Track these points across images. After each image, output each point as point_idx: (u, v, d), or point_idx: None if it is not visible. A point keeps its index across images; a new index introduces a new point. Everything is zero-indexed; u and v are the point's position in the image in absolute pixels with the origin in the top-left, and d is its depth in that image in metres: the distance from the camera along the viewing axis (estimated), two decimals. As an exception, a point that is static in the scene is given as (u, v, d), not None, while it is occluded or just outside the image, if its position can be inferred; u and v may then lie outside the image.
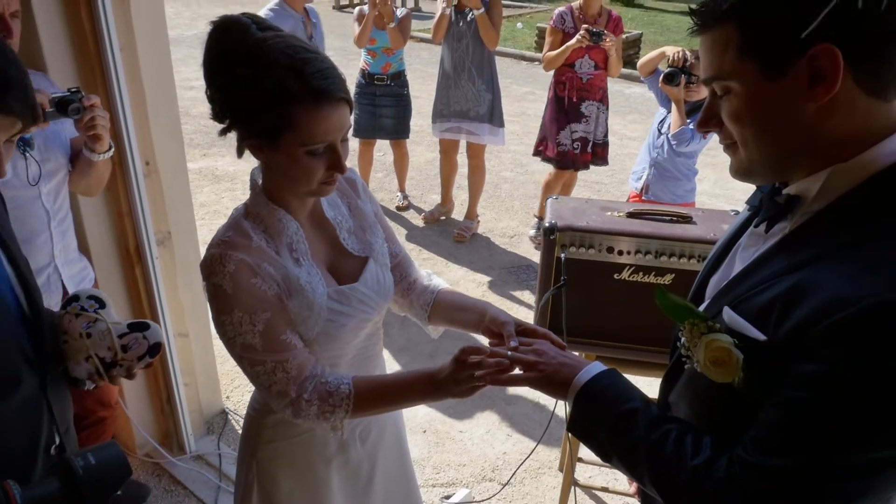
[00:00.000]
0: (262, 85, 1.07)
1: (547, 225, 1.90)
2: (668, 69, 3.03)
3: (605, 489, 2.47)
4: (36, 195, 1.78)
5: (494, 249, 4.48)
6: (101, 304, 1.29)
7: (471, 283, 4.00)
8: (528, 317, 3.75)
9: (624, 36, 9.60)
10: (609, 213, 1.97)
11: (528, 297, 3.93)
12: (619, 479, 2.66)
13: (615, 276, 1.93)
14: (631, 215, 1.96)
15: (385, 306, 1.38)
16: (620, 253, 1.90)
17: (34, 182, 1.75)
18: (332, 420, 1.20)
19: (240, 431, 1.49)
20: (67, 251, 1.95)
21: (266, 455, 1.38)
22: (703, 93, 3.07)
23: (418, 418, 2.95)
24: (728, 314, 0.87)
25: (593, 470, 2.69)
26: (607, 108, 4.21)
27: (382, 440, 1.49)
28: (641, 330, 1.95)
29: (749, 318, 0.85)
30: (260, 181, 1.24)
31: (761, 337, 0.83)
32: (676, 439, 0.92)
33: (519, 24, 11.71)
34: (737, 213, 2.04)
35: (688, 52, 3.05)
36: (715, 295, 0.96)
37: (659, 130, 3.18)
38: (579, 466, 2.49)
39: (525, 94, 8.22)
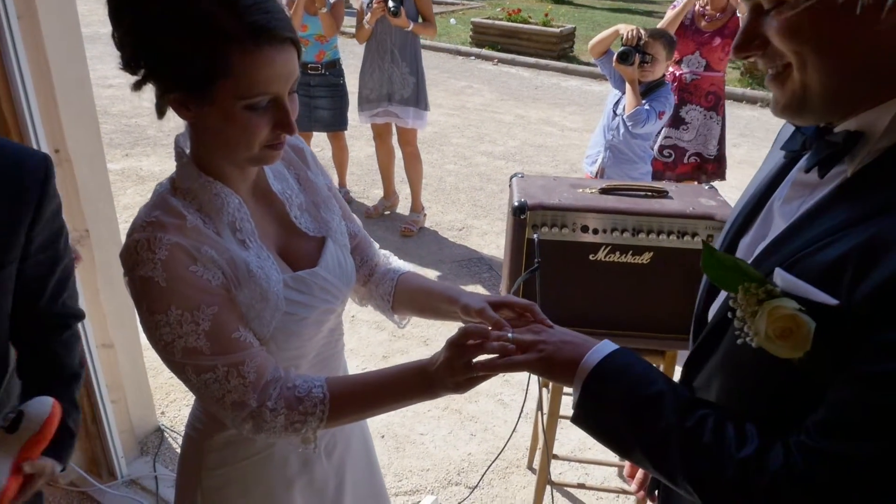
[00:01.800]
0: (186, 20, 0.86)
1: (516, 203, 1.75)
2: (622, 48, 2.94)
3: (581, 486, 2.34)
4: None
5: (443, 243, 4.32)
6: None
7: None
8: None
9: (558, 30, 9.68)
10: (581, 190, 1.83)
11: (481, 290, 3.78)
12: (591, 475, 2.54)
13: (590, 256, 1.79)
14: (604, 191, 1.82)
15: (348, 293, 1.19)
16: (595, 232, 1.76)
17: None
18: (303, 431, 0.99)
19: (178, 450, 1.26)
20: None
21: (213, 484, 1.16)
22: (657, 72, 2.99)
23: (375, 423, 2.75)
24: (782, 277, 0.72)
25: (564, 466, 2.55)
26: (722, 118, 3.74)
27: (349, 452, 1.29)
28: (620, 314, 1.82)
29: (811, 281, 0.70)
30: (188, 148, 1.01)
31: (832, 301, 0.68)
32: (715, 427, 0.77)
33: (452, 20, 11.61)
34: (712, 188, 1.94)
35: (642, 31, 2.96)
36: (757, 257, 0.81)
37: (614, 112, 3.08)
38: (552, 463, 2.35)
39: (463, 87, 8.10)
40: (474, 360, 0.95)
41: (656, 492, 1.11)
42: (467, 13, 12.35)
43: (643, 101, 2.94)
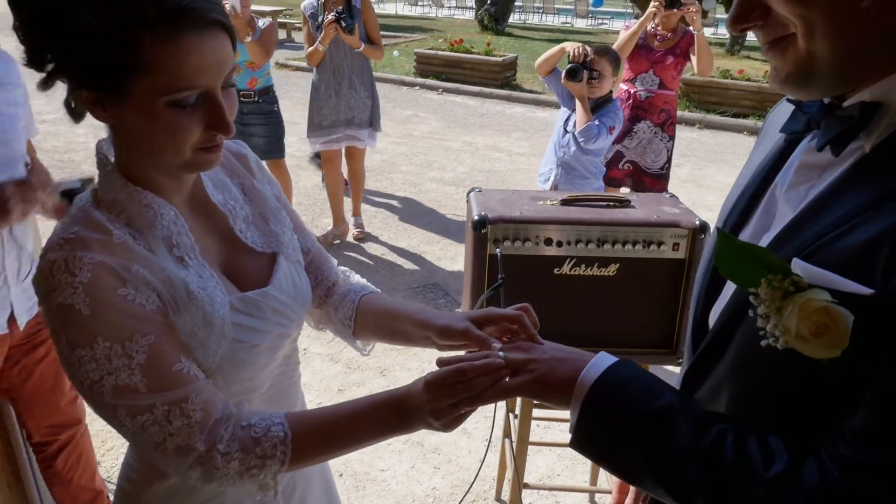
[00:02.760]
0: (90, 3, 0.75)
1: (476, 217, 1.66)
2: (570, 65, 2.93)
3: (553, 515, 2.23)
4: None
5: (396, 270, 4.21)
6: None
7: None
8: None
9: (500, 59, 9.82)
10: (541, 202, 1.76)
11: (438, 316, 3.68)
12: (561, 503, 2.43)
13: (555, 270, 1.71)
14: (565, 202, 1.76)
15: (304, 316, 1.07)
16: (559, 244, 1.69)
17: None
18: (261, 477, 0.86)
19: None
20: None
21: None
22: (605, 88, 2.99)
23: (332, 461, 2.58)
24: (803, 267, 0.64)
25: (533, 495, 2.44)
26: (671, 138, 3.79)
27: (310, 494, 1.15)
28: (589, 330, 1.75)
29: (836, 270, 0.63)
30: (112, 156, 0.88)
31: (865, 291, 0.60)
32: (736, 444, 0.68)
33: (395, 52, 11.67)
34: (673, 196, 1.90)
35: (588, 48, 2.96)
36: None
37: (565, 129, 3.06)
38: (524, 493, 2.23)
39: (409, 116, 8.08)
40: (469, 397, 0.84)
41: None
42: (410, 45, 12.45)
43: (594, 117, 2.93)
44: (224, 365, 0.90)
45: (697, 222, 1.67)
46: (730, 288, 0.78)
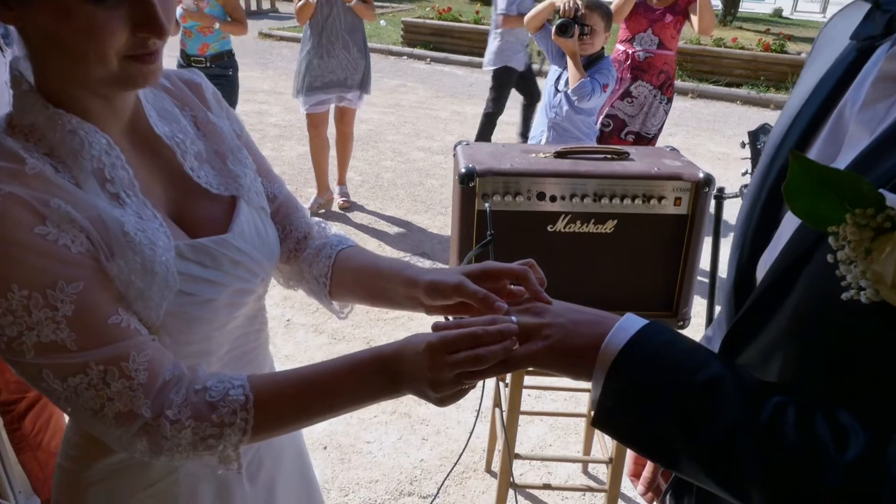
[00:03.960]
0: None
1: (463, 170, 1.54)
2: (560, 20, 2.78)
3: (546, 486, 2.15)
4: None
5: (384, 238, 4.08)
6: None
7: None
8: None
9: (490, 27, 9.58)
10: (533, 155, 1.64)
11: (426, 286, 3.57)
12: (553, 473, 2.35)
13: (548, 227, 1.60)
14: (559, 155, 1.64)
15: (271, 270, 0.94)
16: (553, 199, 1.57)
17: None
18: (219, 448, 0.74)
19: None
20: None
21: None
22: (597, 45, 2.86)
23: (315, 433, 2.49)
24: (892, 200, 0.51)
25: (525, 466, 2.36)
26: (669, 101, 3.68)
27: (280, 471, 1.04)
28: (584, 291, 1.64)
29: None
30: (31, 75, 0.75)
31: None
32: (799, 421, 0.56)
33: (382, 22, 11.40)
34: (674, 149, 1.79)
35: (578, 2, 2.82)
36: None
37: (556, 88, 2.93)
38: (515, 463, 2.15)
39: (397, 86, 7.90)
40: (479, 369, 0.71)
41: (667, 497, 0.89)
42: (397, 15, 12.17)
43: (586, 75, 2.79)
44: (170, 321, 0.78)
45: (701, 175, 1.56)
46: (785, 231, 0.65)
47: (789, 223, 0.64)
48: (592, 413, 0.67)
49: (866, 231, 0.51)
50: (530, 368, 0.79)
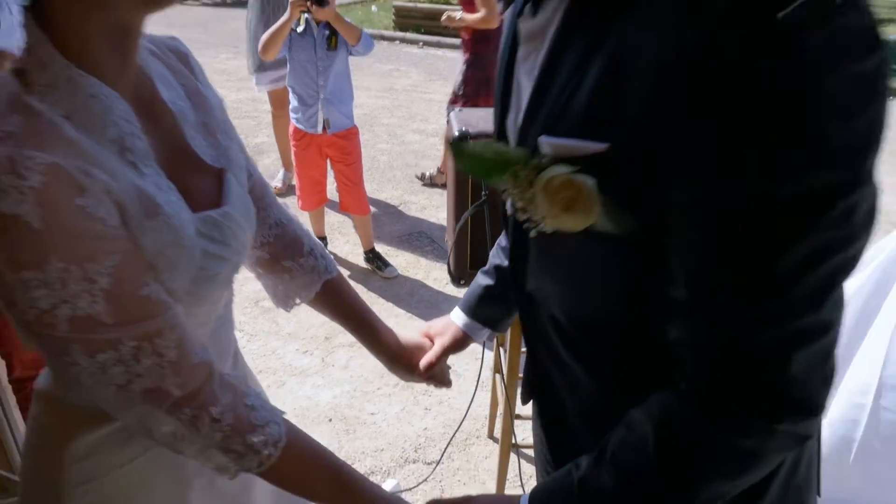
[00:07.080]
0: None
1: (457, 133, 1.57)
2: None
3: (547, 447, 2.19)
4: None
5: (382, 220, 4.12)
6: None
7: (361, 257, 3.60)
8: (439, 277, 3.44)
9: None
10: (525, 118, 1.67)
11: (425, 262, 3.61)
12: (555, 437, 2.40)
13: (541, 188, 1.63)
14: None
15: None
16: (545, 160, 1.60)
17: None
18: (229, 463, 0.75)
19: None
20: None
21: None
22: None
23: (321, 406, 2.54)
24: (548, 143, 0.62)
25: (527, 431, 2.40)
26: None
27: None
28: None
29: (577, 134, 0.59)
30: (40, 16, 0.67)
31: (598, 146, 0.57)
32: (632, 435, 0.69)
33: (374, 8, 11.37)
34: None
35: None
36: (520, 132, 0.70)
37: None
38: (516, 423, 2.19)
39: (390, 70, 7.89)
40: None
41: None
42: (388, 0, 12.13)
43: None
44: (184, 298, 0.76)
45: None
46: None
47: None
48: None
49: (524, 182, 0.62)
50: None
